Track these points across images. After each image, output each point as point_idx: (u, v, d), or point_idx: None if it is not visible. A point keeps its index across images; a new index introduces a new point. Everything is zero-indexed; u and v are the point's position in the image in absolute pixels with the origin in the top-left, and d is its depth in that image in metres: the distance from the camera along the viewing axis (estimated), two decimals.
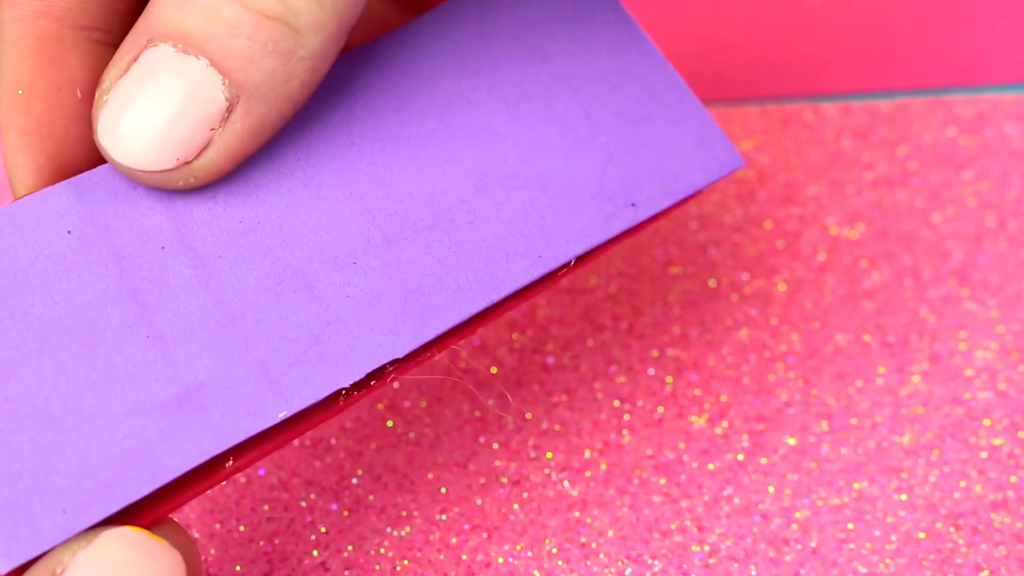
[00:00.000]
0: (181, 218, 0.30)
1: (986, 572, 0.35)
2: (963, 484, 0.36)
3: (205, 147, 0.29)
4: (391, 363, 0.30)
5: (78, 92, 0.30)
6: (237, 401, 0.29)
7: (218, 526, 0.36)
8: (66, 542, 0.27)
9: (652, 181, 0.33)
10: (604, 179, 0.32)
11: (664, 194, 0.33)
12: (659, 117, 0.33)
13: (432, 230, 0.31)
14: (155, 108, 0.28)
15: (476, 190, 0.32)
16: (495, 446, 0.37)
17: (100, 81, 0.29)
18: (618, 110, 0.33)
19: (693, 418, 0.38)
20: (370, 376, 0.30)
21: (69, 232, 0.29)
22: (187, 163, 0.29)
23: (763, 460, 0.37)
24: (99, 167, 0.30)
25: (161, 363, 0.29)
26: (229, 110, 0.28)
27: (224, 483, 0.36)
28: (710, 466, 0.37)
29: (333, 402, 0.30)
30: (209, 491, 0.36)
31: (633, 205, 0.32)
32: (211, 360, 0.29)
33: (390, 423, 0.38)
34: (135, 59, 0.29)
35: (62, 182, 0.30)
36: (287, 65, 0.29)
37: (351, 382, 0.30)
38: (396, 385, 0.38)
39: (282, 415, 0.29)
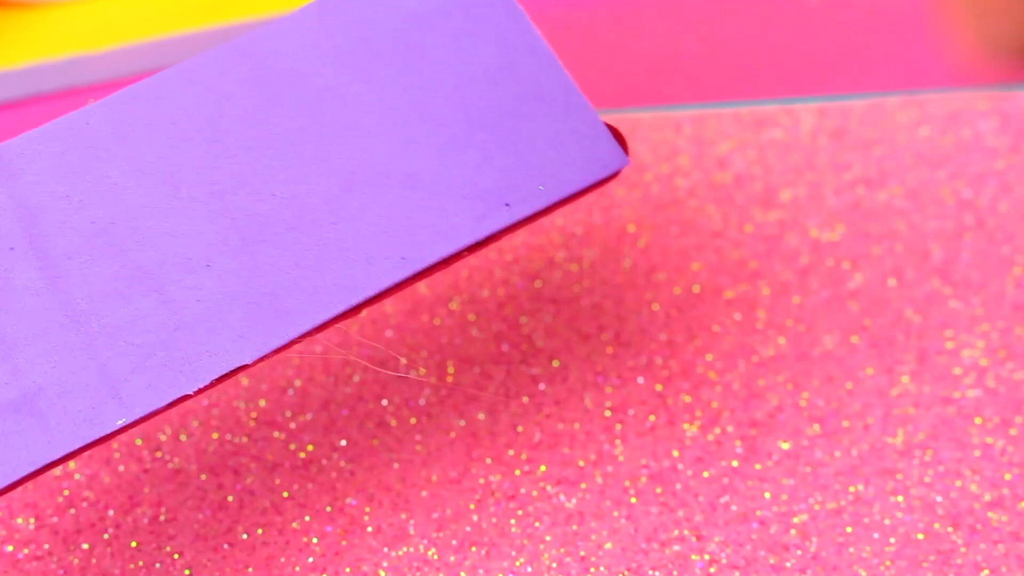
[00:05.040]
0: (33, 217, 0.29)
1: (986, 571, 0.35)
2: (958, 483, 0.36)
3: None
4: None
5: None
6: (75, 407, 0.29)
7: (211, 552, 0.35)
8: None
9: (529, 181, 0.32)
10: (478, 178, 0.32)
11: (541, 194, 0.32)
12: (542, 115, 0.33)
13: (292, 231, 0.30)
14: None
15: (342, 190, 0.31)
16: (488, 461, 0.37)
17: None
18: (499, 107, 0.32)
19: (685, 425, 0.38)
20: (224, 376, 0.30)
21: None
22: None
23: (758, 466, 0.37)
24: None
25: (0, 367, 0.29)
26: None
27: (217, 508, 0.36)
28: (705, 474, 0.37)
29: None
30: (201, 515, 0.36)
31: (507, 205, 0.32)
32: (52, 365, 0.29)
33: (375, 442, 0.37)
34: None
35: None
36: None
37: (194, 390, 0.29)
38: (385, 403, 0.38)
39: (121, 422, 0.29)
